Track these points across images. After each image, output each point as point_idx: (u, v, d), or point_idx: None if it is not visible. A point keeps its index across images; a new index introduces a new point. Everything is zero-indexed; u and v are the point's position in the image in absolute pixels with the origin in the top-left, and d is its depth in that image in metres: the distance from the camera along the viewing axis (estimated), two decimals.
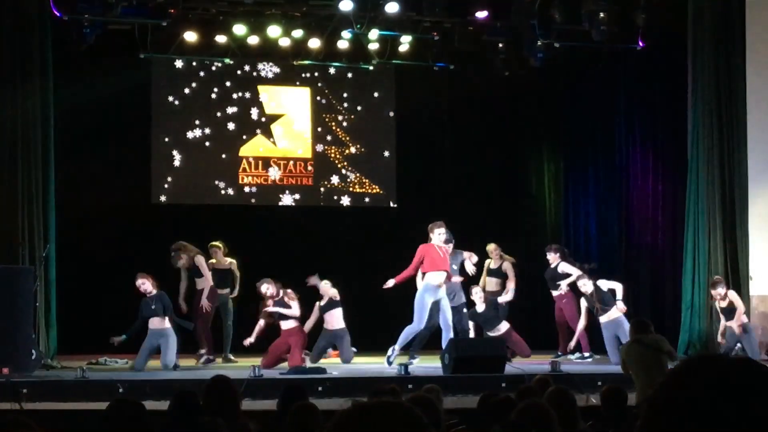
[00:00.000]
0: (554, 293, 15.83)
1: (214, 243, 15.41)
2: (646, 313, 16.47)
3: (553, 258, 15.83)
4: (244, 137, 18.28)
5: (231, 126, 18.19)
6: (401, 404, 1.94)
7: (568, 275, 15.49)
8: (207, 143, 18.07)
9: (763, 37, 15.13)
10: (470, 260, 15.29)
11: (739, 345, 14.24)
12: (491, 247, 16.15)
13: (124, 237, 17.11)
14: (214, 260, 15.27)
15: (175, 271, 15.05)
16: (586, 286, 14.82)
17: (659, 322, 14.90)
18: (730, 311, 14.42)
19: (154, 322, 13.72)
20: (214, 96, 18.13)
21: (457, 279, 15.01)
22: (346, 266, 17.35)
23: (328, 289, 14.88)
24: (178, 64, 17.83)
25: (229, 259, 15.53)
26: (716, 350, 14.45)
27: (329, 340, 15.01)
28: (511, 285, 15.86)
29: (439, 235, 14.05)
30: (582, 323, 15.05)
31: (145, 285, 13.76)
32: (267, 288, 14.43)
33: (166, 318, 13.73)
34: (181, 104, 18.00)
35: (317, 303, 14.98)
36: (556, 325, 15.91)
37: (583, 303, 14.95)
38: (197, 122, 18.04)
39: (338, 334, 14.92)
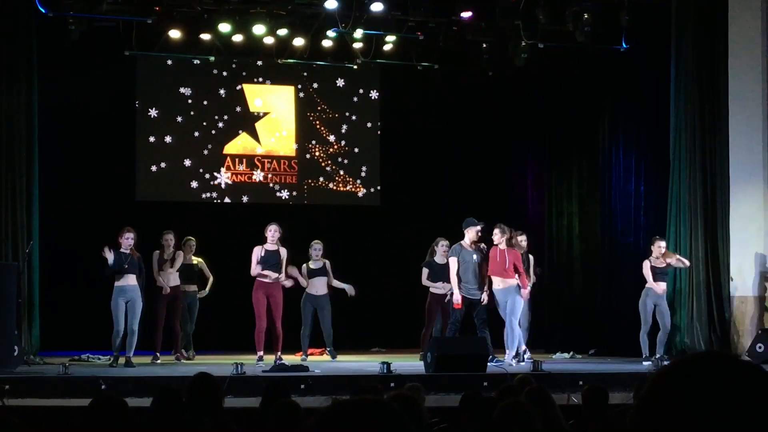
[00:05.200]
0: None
1: (190, 238, 15.54)
2: (629, 313, 16.57)
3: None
4: (229, 135, 18.29)
5: (215, 124, 18.19)
6: (382, 402, 1.96)
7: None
8: (191, 141, 18.06)
9: (745, 40, 15.21)
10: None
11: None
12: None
13: (107, 234, 17.06)
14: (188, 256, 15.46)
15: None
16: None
17: (640, 322, 15.00)
18: (663, 274, 14.70)
19: (130, 279, 13.80)
20: (198, 94, 18.12)
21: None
22: (331, 265, 17.37)
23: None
24: (163, 61, 17.81)
25: (196, 258, 15.65)
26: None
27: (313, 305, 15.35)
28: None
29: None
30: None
31: (131, 241, 13.94)
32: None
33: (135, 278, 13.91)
34: (166, 102, 17.99)
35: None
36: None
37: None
38: (181, 120, 18.03)
39: (321, 300, 15.15)
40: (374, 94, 18.95)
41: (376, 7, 15.73)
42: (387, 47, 17.33)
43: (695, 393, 1.66)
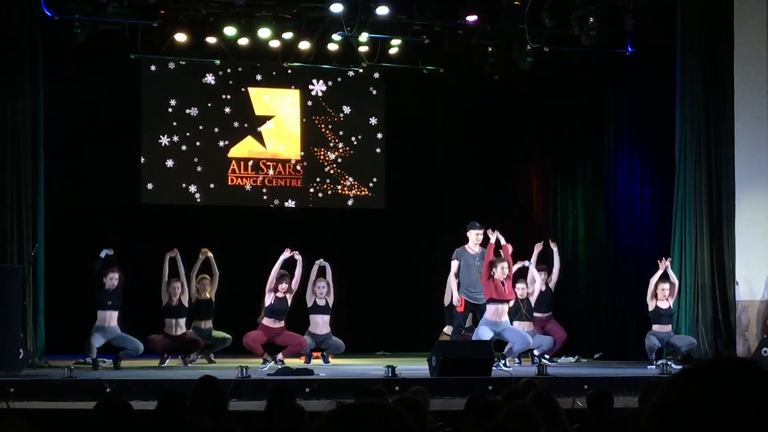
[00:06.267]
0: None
1: (205, 276, 15.37)
2: (634, 317, 16.57)
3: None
4: (234, 138, 18.29)
5: (220, 127, 18.19)
6: (386, 405, 1.95)
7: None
8: (196, 144, 18.06)
9: (751, 44, 15.19)
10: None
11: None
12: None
13: (113, 237, 17.09)
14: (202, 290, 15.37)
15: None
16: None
17: (645, 327, 15.00)
18: (668, 315, 14.70)
19: (112, 319, 13.90)
20: (203, 97, 18.13)
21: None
22: (334, 268, 17.37)
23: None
24: (168, 65, 17.82)
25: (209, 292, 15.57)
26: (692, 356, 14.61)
27: (316, 342, 15.11)
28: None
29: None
30: None
31: (115, 282, 13.97)
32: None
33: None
34: (171, 105, 17.99)
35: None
36: None
37: None
38: (186, 123, 18.04)
39: (323, 338, 15.07)
40: (379, 98, 18.94)
41: (382, 11, 15.74)
42: (392, 51, 17.33)
43: (714, 397, 1.66)
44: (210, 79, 18.12)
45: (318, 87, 18.64)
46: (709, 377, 1.70)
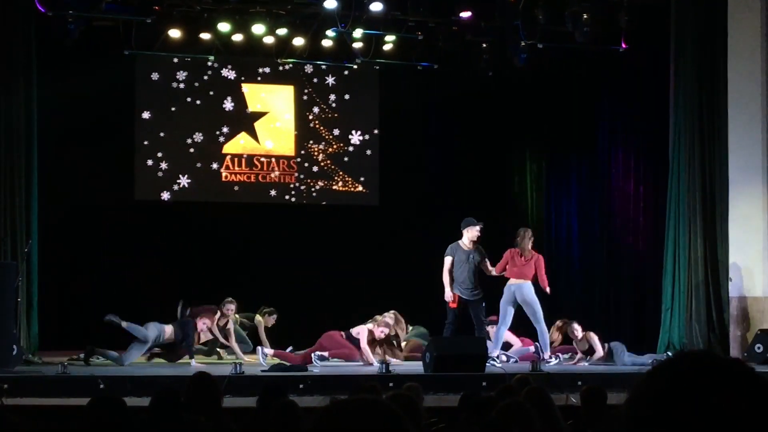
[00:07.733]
0: None
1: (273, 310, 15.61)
2: (627, 313, 16.61)
3: None
4: (228, 135, 18.26)
5: (214, 123, 18.17)
6: (380, 401, 1.95)
7: None
8: (190, 140, 18.04)
9: (745, 41, 15.20)
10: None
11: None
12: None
13: (106, 233, 17.09)
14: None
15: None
16: None
17: (640, 322, 15.03)
18: (590, 352, 14.58)
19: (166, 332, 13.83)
20: (197, 93, 18.10)
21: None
22: (328, 264, 17.38)
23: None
24: (162, 61, 17.79)
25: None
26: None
27: None
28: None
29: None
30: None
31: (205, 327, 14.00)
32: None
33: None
34: (165, 101, 17.96)
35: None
36: None
37: None
38: (180, 119, 18.01)
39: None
40: (374, 94, 18.92)
41: (376, 7, 15.74)
42: (387, 47, 17.33)
43: (681, 391, 1.67)
44: (204, 75, 18.09)
45: (312, 83, 18.62)
46: (677, 372, 1.71)
